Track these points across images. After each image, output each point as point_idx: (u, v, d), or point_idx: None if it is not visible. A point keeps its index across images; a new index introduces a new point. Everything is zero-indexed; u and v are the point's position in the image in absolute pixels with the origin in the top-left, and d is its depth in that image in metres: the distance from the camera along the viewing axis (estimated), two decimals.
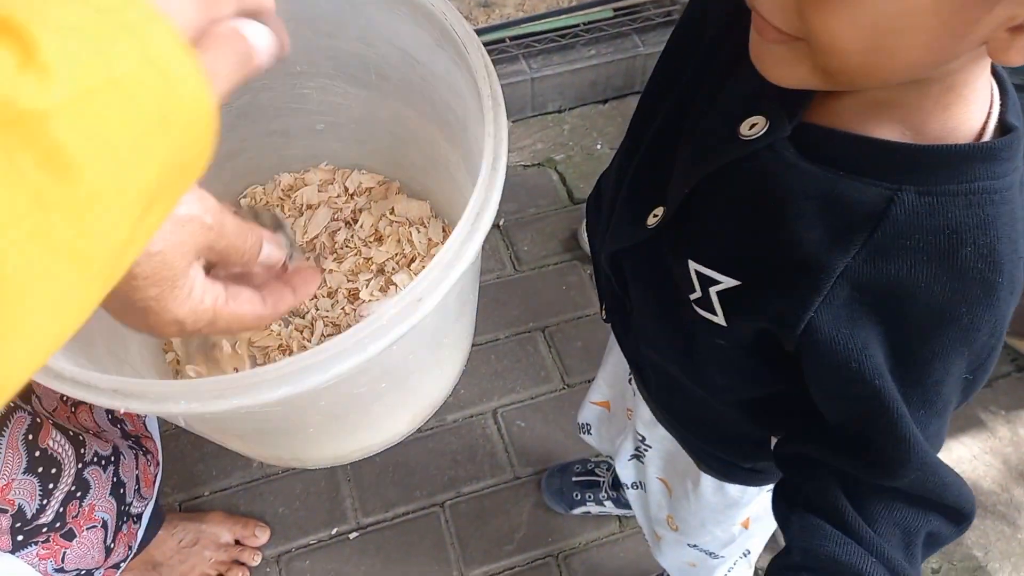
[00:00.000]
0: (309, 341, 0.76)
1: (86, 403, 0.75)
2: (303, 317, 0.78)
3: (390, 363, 0.58)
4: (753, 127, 0.47)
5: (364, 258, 0.81)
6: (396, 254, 0.81)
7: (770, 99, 0.48)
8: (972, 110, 0.41)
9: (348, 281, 0.80)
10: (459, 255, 0.48)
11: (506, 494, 1.17)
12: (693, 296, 0.50)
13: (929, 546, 0.48)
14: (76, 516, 0.71)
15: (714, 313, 0.49)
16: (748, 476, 0.61)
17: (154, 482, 0.81)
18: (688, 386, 0.59)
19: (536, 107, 1.84)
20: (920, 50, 0.35)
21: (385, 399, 0.66)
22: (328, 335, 0.77)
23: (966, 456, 1.34)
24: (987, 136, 0.42)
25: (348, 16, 0.64)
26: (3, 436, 0.62)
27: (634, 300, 0.61)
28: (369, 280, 0.79)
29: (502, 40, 1.60)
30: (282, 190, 0.85)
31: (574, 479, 1.15)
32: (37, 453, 0.65)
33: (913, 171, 0.41)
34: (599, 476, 1.14)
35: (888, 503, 0.47)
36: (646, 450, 0.75)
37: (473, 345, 1.31)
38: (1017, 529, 1.26)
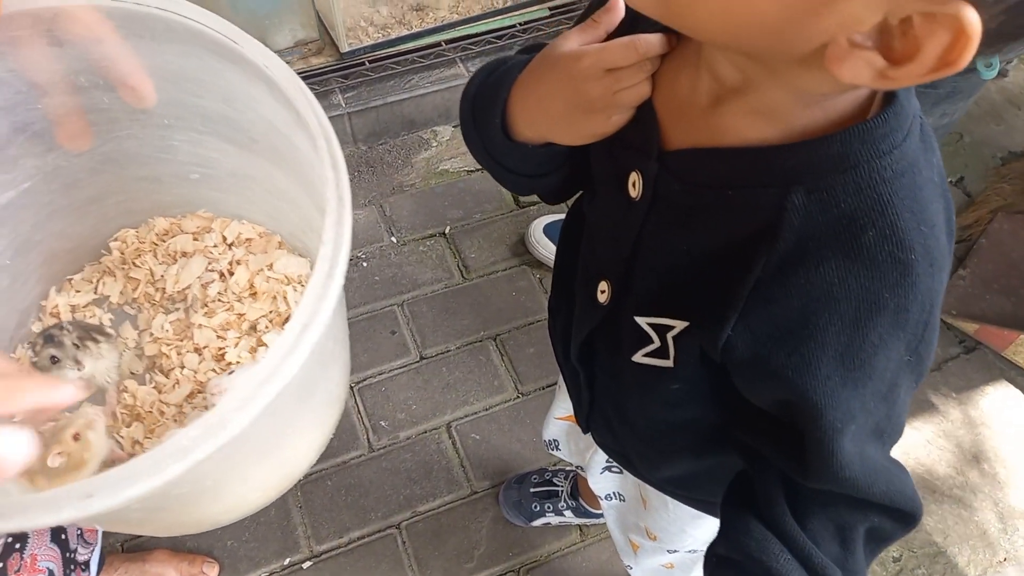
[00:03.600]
0: (167, 406, 0.73)
1: None
2: (166, 376, 0.75)
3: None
4: (634, 185, 0.49)
5: (236, 314, 0.77)
6: (270, 311, 0.78)
7: (629, 149, 0.49)
8: (844, 96, 0.40)
9: (217, 338, 0.76)
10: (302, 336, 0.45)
11: (464, 510, 1.15)
12: (650, 348, 0.50)
13: (873, 540, 0.48)
14: (19, 570, 0.67)
15: (666, 358, 0.50)
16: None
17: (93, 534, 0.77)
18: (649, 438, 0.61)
19: None
20: (772, 5, 0.33)
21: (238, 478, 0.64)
22: (191, 395, 0.74)
23: (920, 441, 1.35)
24: (870, 113, 0.40)
25: (210, 79, 0.61)
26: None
27: (598, 384, 0.62)
28: (239, 339, 0.76)
29: (438, 44, 1.57)
30: (156, 234, 0.81)
31: (532, 490, 1.14)
32: None
33: (796, 171, 0.40)
34: (557, 485, 1.14)
35: (825, 500, 0.46)
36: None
37: (424, 358, 1.30)
38: (974, 511, 1.27)
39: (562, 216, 1.45)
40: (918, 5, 0.31)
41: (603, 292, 0.55)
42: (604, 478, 0.84)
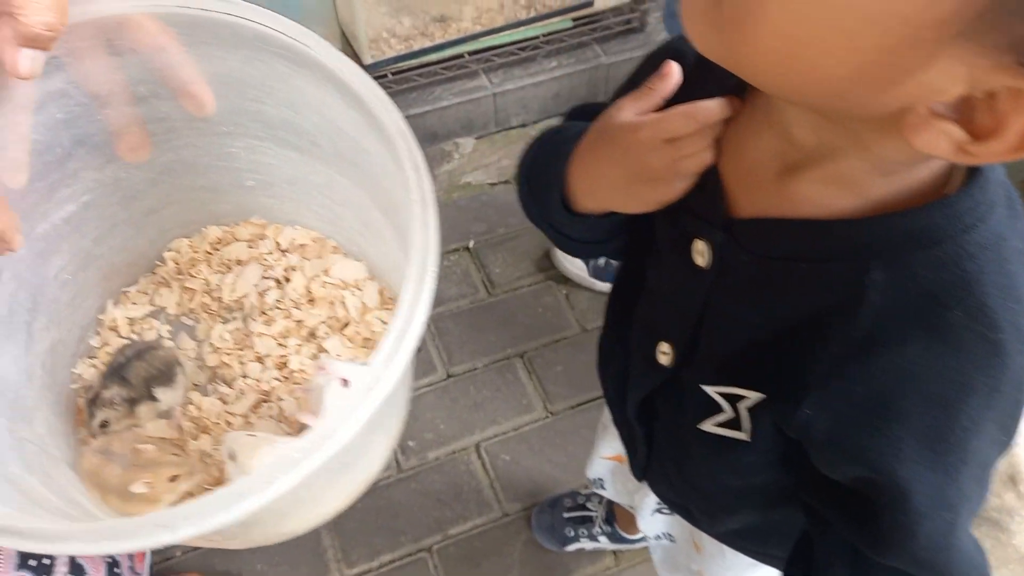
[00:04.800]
0: (234, 416, 0.72)
1: None
2: (229, 386, 0.74)
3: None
4: (700, 253, 0.47)
5: (295, 321, 0.77)
6: (329, 317, 0.77)
7: (694, 215, 0.47)
8: (926, 164, 0.38)
9: (278, 345, 0.75)
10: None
11: (496, 533, 1.13)
12: (721, 418, 0.49)
13: None
14: None
15: (739, 429, 0.48)
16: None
17: (145, 556, 0.76)
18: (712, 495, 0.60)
19: (499, 122, 1.80)
20: (841, 66, 0.31)
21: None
22: (256, 405, 0.73)
23: None
24: (953, 182, 0.38)
25: (275, 84, 0.60)
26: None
27: (658, 442, 0.59)
28: (300, 346, 0.75)
29: (460, 55, 1.56)
30: (209, 243, 0.80)
31: (565, 515, 1.11)
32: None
33: (875, 245, 0.39)
34: (591, 511, 1.11)
35: (891, 574, 0.45)
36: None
37: (451, 376, 1.29)
38: (1011, 535, 1.25)
39: None
40: (1005, 80, 0.29)
41: (665, 354, 0.53)
42: (655, 519, 0.82)
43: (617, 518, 1.13)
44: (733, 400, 0.49)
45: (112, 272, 0.76)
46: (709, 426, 0.51)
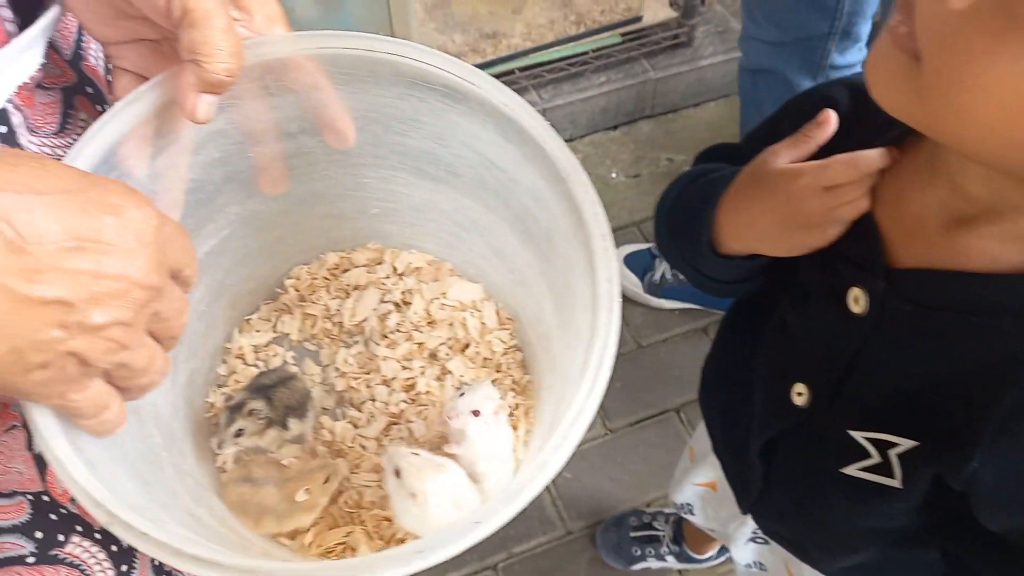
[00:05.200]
0: (367, 439, 0.73)
1: None
2: (359, 409, 0.75)
3: None
4: (856, 300, 0.48)
5: (416, 343, 0.78)
6: (449, 338, 0.79)
7: (849, 263, 0.48)
8: None
9: (403, 368, 0.77)
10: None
11: (560, 551, 1.14)
12: (868, 463, 0.49)
13: None
14: None
15: (890, 476, 0.48)
16: None
17: None
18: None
19: None
20: None
21: None
22: (386, 428, 0.74)
23: None
24: None
25: (426, 118, 0.61)
26: (134, 569, 0.60)
27: (778, 480, 0.60)
28: (424, 368, 0.77)
29: (511, 72, 1.57)
30: (328, 269, 0.81)
31: (632, 534, 1.13)
32: None
33: None
34: (658, 530, 1.14)
35: None
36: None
37: None
38: None
39: (643, 246, 1.44)
40: None
41: (800, 395, 0.54)
42: (748, 548, 0.82)
43: (686, 538, 1.13)
44: (882, 446, 0.49)
45: (238, 300, 0.77)
46: (853, 470, 0.52)
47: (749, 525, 0.78)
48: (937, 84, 0.34)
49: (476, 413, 0.66)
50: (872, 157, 0.46)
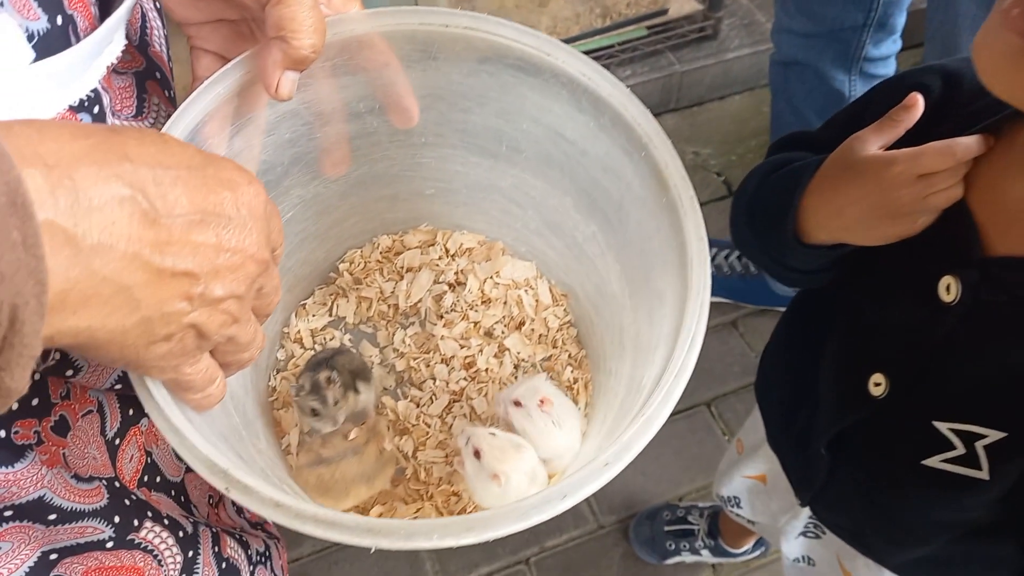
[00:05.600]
0: (431, 417, 0.74)
1: (223, 501, 0.73)
2: (420, 388, 0.76)
3: None
4: (947, 289, 0.47)
5: (472, 322, 0.79)
6: (504, 316, 0.79)
7: (938, 251, 0.47)
8: None
9: (461, 347, 0.78)
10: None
11: (592, 545, 1.15)
12: (951, 454, 0.48)
13: None
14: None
15: (977, 468, 0.48)
16: None
17: (287, 568, 0.78)
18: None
19: None
20: None
21: None
22: (448, 406, 0.75)
23: None
24: None
25: (494, 94, 0.62)
26: (199, 556, 0.59)
27: (846, 472, 0.60)
28: (482, 347, 0.78)
29: None
30: (380, 252, 0.82)
31: (666, 528, 1.12)
32: (224, 565, 0.62)
33: None
34: (692, 524, 1.13)
35: None
36: (827, 530, 0.73)
37: None
38: None
39: None
40: None
41: (878, 385, 0.53)
42: (798, 542, 0.81)
43: (723, 532, 1.12)
44: (968, 438, 0.48)
45: (295, 284, 0.78)
46: (935, 462, 0.51)
47: (801, 519, 0.77)
48: None
49: (517, 404, 0.66)
50: (968, 144, 0.45)
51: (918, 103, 0.48)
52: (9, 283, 0.26)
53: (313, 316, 0.80)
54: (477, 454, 0.62)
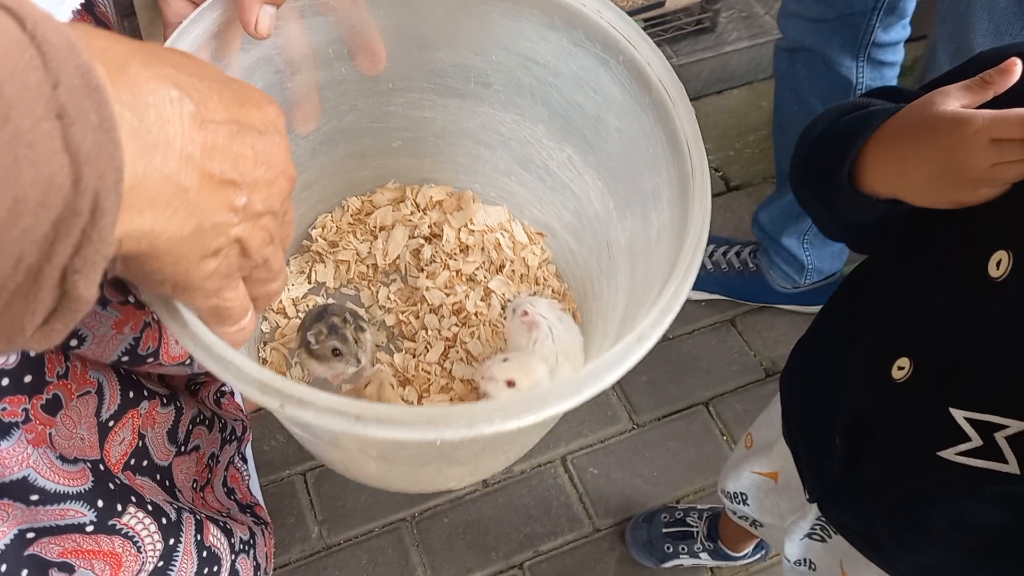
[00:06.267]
0: (430, 365, 0.74)
1: (210, 484, 0.71)
2: (413, 340, 0.76)
3: None
4: (998, 264, 0.45)
5: (454, 271, 0.80)
6: (484, 261, 0.80)
7: (994, 227, 0.45)
8: None
9: (447, 296, 0.78)
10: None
11: (588, 549, 1.11)
12: (967, 447, 0.46)
13: None
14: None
15: (1000, 460, 0.45)
16: None
17: (273, 556, 0.76)
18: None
19: None
20: None
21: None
22: (444, 353, 0.75)
23: None
24: None
25: (463, 27, 0.63)
26: (180, 543, 0.58)
27: (858, 468, 0.57)
28: (468, 292, 0.78)
29: None
30: (351, 215, 0.81)
31: (664, 530, 1.08)
32: (204, 553, 0.61)
33: None
34: (691, 525, 1.09)
35: None
36: (834, 534, 0.69)
37: None
38: None
39: None
40: None
41: (901, 369, 0.50)
42: (801, 545, 0.77)
43: (722, 535, 1.09)
44: (986, 428, 0.46)
45: None
46: (951, 455, 0.49)
47: (808, 520, 0.73)
48: None
49: (511, 384, 0.67)
50: None
51: (1015, 68, 0.45)
52: (93, 165, 0.26)
53: (293, 285, 0.78)
54: (512, 384, 0.63)
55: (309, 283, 0.79)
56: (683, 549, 1.09)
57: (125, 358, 0.57)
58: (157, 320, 0.59)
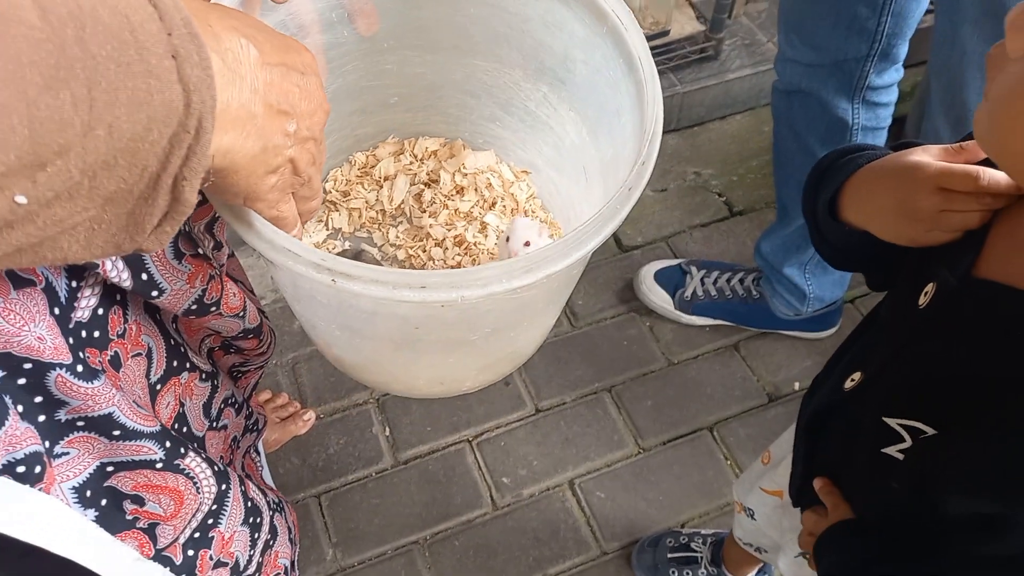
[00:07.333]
0: None
1: (232, 465, 0.77)
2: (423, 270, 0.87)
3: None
4: (926, 294, 0.51)
5: (452, 209, 0.90)
6: (478, 200, 0.91)
7: (936, 261, 0.52)
8: None
9: (448, 230, 0.89)
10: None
11: (595, 573, 1.13)
12: (902, 447, 0.52)
13: None
14: (265, 566, 0.74)
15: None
16: None
17: (298, 527, 0.84)
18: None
19: None
20: None
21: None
22: None
23: None
24: None
25: None
26: (230, 490, 0.65)
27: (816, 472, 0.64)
28: (467, 226, 0.89)
29: None
30: (359, 168, 0.92)
31: (669, 555, 1.11)
32: (249, 504, 0.68)
33: None
34: (696, 551, 1.12)
35: None
36: None
37: (540, 411, 1.29)
38: None
39: (673, 262, 1.40)
40: None
41: (852, 381, 0.57)
42: (796, 563, 0.81)
43: (726, 560, 1.12)
44: (915, 432, 0.52)
45: None
46: (893, 451, 0.54)
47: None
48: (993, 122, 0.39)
49: (527, 244, 0.78)
50: (995, 177, 0.46)
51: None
52: (198, 93, 0.34)
53: (313, 232, 0.89)
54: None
55: (327, 229, 0.90)
56: (687, 573, 1.12)
57: (194, 306, 0.63)
58: (219, 273, 0.67)
